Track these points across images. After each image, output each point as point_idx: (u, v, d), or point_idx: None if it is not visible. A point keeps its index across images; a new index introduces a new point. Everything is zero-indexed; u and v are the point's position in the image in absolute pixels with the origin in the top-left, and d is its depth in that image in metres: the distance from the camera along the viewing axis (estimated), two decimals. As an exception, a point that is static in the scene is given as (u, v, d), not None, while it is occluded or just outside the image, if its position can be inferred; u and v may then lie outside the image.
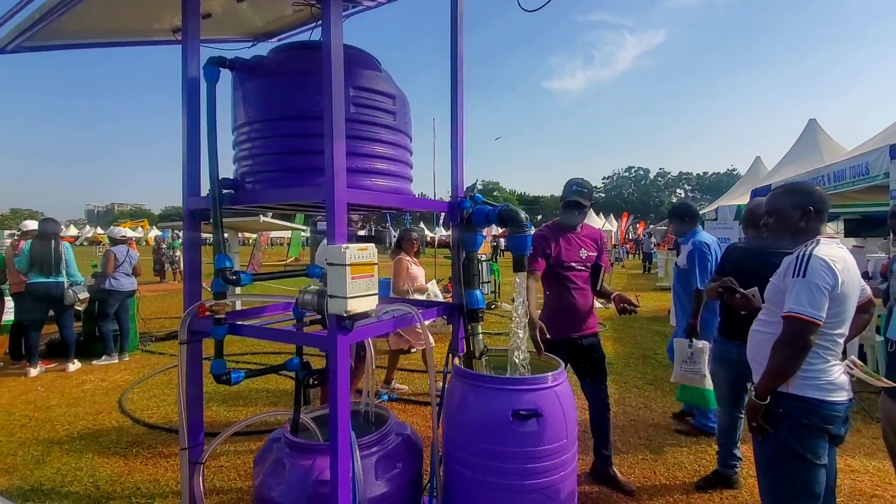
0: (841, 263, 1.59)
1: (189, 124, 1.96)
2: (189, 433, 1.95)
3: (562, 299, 2.75)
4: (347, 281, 1.47)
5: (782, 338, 1.62)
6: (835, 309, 1.58)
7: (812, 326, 1.55)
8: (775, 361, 1.63)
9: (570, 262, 2.75)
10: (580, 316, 2.78)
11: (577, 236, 2.82)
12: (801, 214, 1.75)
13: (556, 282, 2.76)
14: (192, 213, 1.97)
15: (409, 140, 2.07)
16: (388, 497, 1.87)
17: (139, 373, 5.19)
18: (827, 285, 1.55)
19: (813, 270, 1.56)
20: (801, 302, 1.56)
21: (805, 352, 1.58)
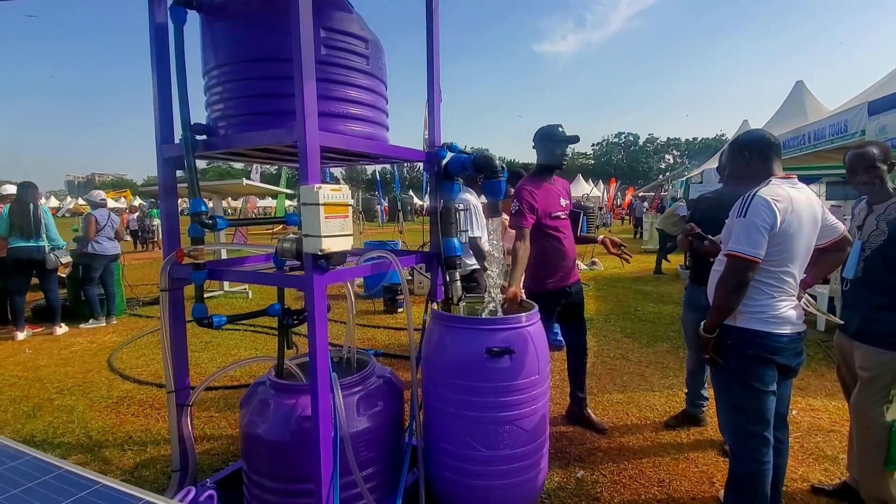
0: (784, 203, 1.65)
1: (159, 70, 1.93)
2: (175, 377, 2.02)
3: (554, 250, 2.82)
4: (321, 220, 1.50)
5: (722, 275, 1.72)
6: (777, 247, 1.66)
7: (749, 264, 1.64)
8: (717, 297, 1.73)
9: (555, 211, 2.81)
10: (570, 264, 2.87)
11: (554, 186, 2.87)
12: (744, 159, 1.84)
13: (546, 233, 2.81)
14: (166, 160, 1.96)
15: (385, 87, 2.06)
16: (370, 431, 1.97)
17: (127, 335, 5.24)
18: (765, 224, 1.62)
19: (753, 210, 1.64)
20: (739, 241, 1.64)
21: (743, 288, 1.67)
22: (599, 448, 2.69)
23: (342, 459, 1.80)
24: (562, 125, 2.84)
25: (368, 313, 6.09)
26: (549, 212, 2.79)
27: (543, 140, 2.84)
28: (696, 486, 2.33)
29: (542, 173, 2.87)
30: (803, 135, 6.44)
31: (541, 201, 2.77)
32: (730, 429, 1.88)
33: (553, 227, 2.81)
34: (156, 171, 2.01)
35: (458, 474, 1.99)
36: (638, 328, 5.21)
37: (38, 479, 1.08)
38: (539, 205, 2.75)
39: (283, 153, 2.06)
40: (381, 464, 2.02)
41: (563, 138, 2.81)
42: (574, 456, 2.60)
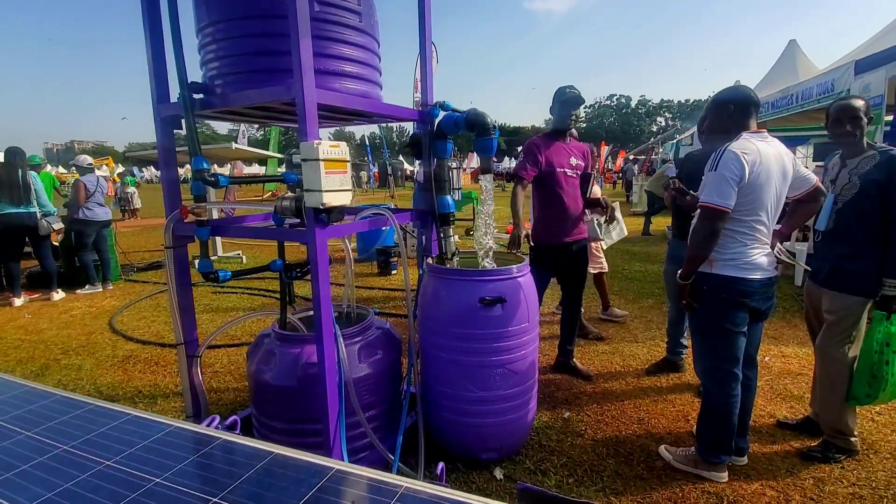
0: (753, 155, 1.75)
1: (151, 27, 1.93)
2: (183, 330, 2.12)
3: (554, 203, 2.92)
4: (322, 175, 1.57)
5: (695, 225, 1.85)
6: (746, 197, 1.77)
7: (720, 214, 1.75)
8: (691, 246, 1.86)
9: (561, 167, 2.89)
10: (571, 221, 2.96)
11: (566, 146, 2.96)
12: (727, 112, 1.92)
13: (549, 188, 2.91)
14: (163, 120, 1.99)
15: (378, 44, 2.08)
16: (370, 377, 2.11)
17: (125, 299, 5.31)
18: (734, 176, 1.73)
19: (723, 163, 1.74)
20: (710, 193, 1.76)
21: (714, 237, 1.79)
22: (585, 392, 2.87)
23: (346, 401, 1.94)
24: (573, 87, 2.90)
25: (363, 275, 6.20)
26: (554, 167, 2.87)
27: (555, 101, 2.94)
28: (673, 423, 2.53)
29: (553, 133, 2.97)
30: (791, 94, 6.48)
31: (546, 157, 2.85)
32: (703, 366, 2.04)
33: (557, 182, 2.89)
34: (138, 138, 2.06)
35: (454, 414, 2.15)
36: (625, 286, 5.39)
37: (71, 413, 1.20)
38: (543, 159, 2.84)
39: (279, 111, 2.10)
40: (382, 407, 2.17)
41: (567, 98, 2.87)
42: (561, 399, 2.79)
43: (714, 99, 2.06)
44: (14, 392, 1.30)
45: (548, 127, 3.11)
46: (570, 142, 3.01)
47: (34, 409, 1.20)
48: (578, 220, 3.00)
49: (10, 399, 1.27)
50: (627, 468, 2.13)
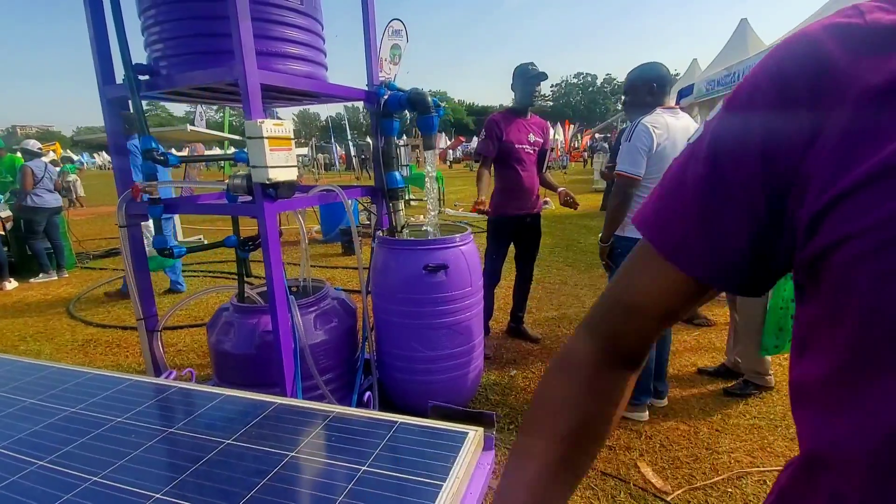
0: (661, 129, 1.97)
1: (92, 7, 1.95)
2: (142, 304, 2.20)
3: (511, 179, 3.08)
4: (266, 152, 1.67)
5: (612, 192, 2.07)
6: (654, 166, 2.00)
7: (630, 181, 1.98)
8: (608, 211, 2.08)
9: (520, 144, 3.04)
10: (527, 195, 3.12)
11: (526, 122, 3.09)
12: (649, 91, 2.12)
13: (507, 163, 3.06)
14: (109, 101, 2.03)
15: (321, 27, 2.17)
16: (327, 343, 2.26)
17: (82, 286, 5.24)
18: (644, 147, 1.95)
19: (636, 136, 1.96)
20: (623, 161, 1.98)
21: (627, 202, 2.02)
22: (532, 353, 3.12)
23: (303, 365, 2.09)
24: (534, 63, 3.03)
25: (328, 256, 6.28)
26: (512, 143, 3.01)
27: (516, 78, 3.04)
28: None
29: (513, 109, 3.09)
30: (734, 72, 6.84)
31: (506, 134, 2.99)
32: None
33: (516, 158, 3.04)
34: (87, 122, 2.08)
35: (406, 373, 2.33)
36: (578, 258, 5.68)
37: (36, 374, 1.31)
38: (503, 137, 2.98)
39: (226, 92, 2.16)
40: (339, 370, 2.33)
41: (531, 75, 2.99)
42: (509, 360, 3.02)
43: (637, 76, 2.24)
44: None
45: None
46: (530, 118, 3.15)
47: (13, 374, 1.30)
48: (534, 195, 3.18)
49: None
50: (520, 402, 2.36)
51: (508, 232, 3.16)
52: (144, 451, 0.93)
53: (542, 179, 3.25)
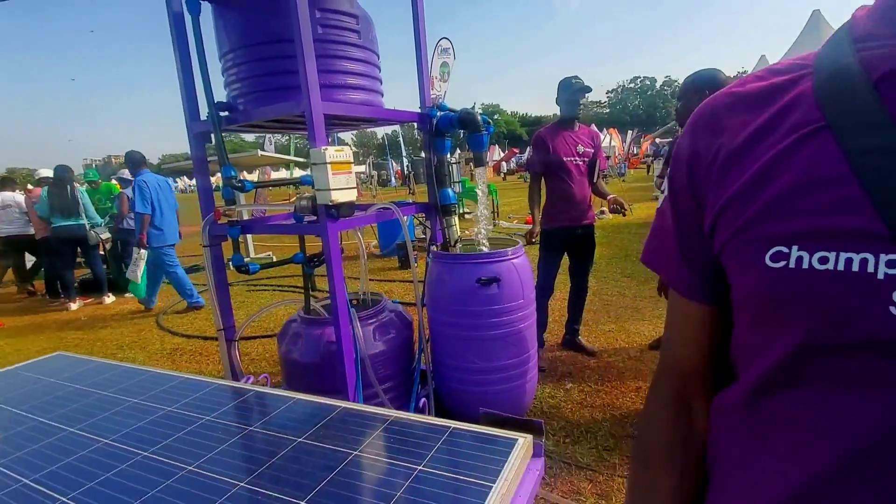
0: None
1: (181, 56, 2.23)
2: (222, 317, 2.43)
3: (560, 191, 3.11)
4: (329, 176, 1.82)
5: None
6: None
7: None
8: None
9: (568, 156, 3.07)
10: (577, 207, 3.13)
11: (574, 134, 3.12)
12: (700, 97, 2.07)
13: (556, 176, 3.09)
14: (195, 135, 2.29)
15: (377, 56, 2.32)
16: (386, 353, 2.37)
17: (169, 299, 5.78)
18: None
19: None
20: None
21: None
22: (588, 366, 3.07)
23: (363, 374, 2.21)
24: (578, 76, 3.08)
25: (385, 270, 6.51)
26: (560, 156, 3.04)
27: (561, 91, 3.09)
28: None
29: (561, 122, 3.13)
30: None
31: (553, 148, 3.03)
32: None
33: (565, 171, 3.06)
34: (171, 150, 2.35)
35: (461, 384, 2.39)
36: (637, 268, 5.50)
37: (137, 378, 1.50)
38: (551, 151, 3.03)
39: (294, 122, 2.37)
40: (396, 379, 2.43)
41: (576, 88, 3.03)
42: (564, 373, 2.99)
43: (687, 83, 2.21)
44: (88, 367, 1.63)
45: None
46: (578, 129, 3.17)
47: (108, 377, 1.51)
48: (585, 207, 3.16)
49: (86, 372, 1.59)
50: (620, 428, 2.32)
51: (560, 243, 3.15)
52: (229, 445, 1.06)
53: (594, 189, 3.23)
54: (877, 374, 0.31)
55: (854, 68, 0.34)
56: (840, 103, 0.33)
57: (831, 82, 0.34)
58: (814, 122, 0.34)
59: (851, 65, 0.34)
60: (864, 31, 0.36)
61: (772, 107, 0.37)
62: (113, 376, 1.52)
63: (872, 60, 0.33)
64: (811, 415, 0.33)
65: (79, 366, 1.66)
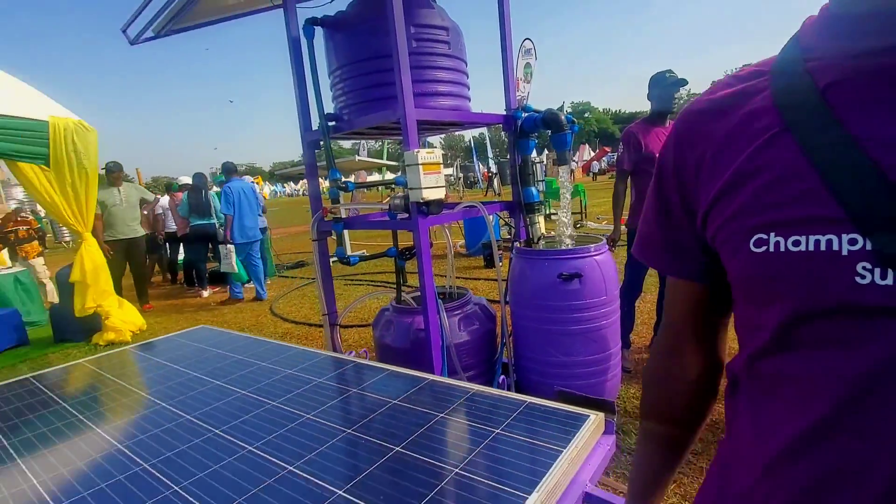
0: None
1: (297, 74, 2.56)
2: (326, 303, 2.74)
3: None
4: (421, 175, 2.01)
5: None
6: None
7: None
8: None
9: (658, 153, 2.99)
10: None
11: (666, 130, 3.03)
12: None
13: (646, 173, 2.99)
14: (308, 143, 2.62)
15: (465, 64, 2.48)
16: (469, 343, 2.51)
17: (279, 290, 6.49)
18: None
19: None
20: None
21: None
22: (678, 370, 2.94)
23: (448, 360, 2.37)
24: (672, 70, 2.99)
25: (471, 268, 6.68)
26: (651, 153, 2.93)
27: (653, 86, 2.99)
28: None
29: (653, 118, 3.03)
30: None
31: (645, 145, 2.95)
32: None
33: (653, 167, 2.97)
34: (281, 158, 2.69)
35: (541, 376, 2.46)
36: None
37: (261, 348, 1.78)
38: (643, 148, 2.94)
39: (390, 128, 2.61)
40: (479, 369, 2.56)
41: (671, 82, 2.94)
42: (652, 375, 2.90)
43: None
44: (225, 337, 1.96)
45: None
46: (669, 125, 3.05)
47: (240, 345, 1.82)
48: None
49: (223, 341, 1.92)
50: (708, 433, 2.23)
51: None
52: (336, 402, 1.26)
53: None
54: (850, 333, 0.37)
55: (804, 78, 0.40)
56: (796, 109, 0.40)
57: (787, 91, 0.41)
58: (776, 126, 0.41)
59: (802, 74, 0.41)
60: (809, 43, 0.42)
61: (739, 111, 0.44)
62: (244, 345, 1.83)
63: (818, 71, 0.40)
64: (805, 372, 0.40)
65: (217, 336, 2.02)
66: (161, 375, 1.56)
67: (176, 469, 0.98)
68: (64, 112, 4.43)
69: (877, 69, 0.37)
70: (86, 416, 1.30)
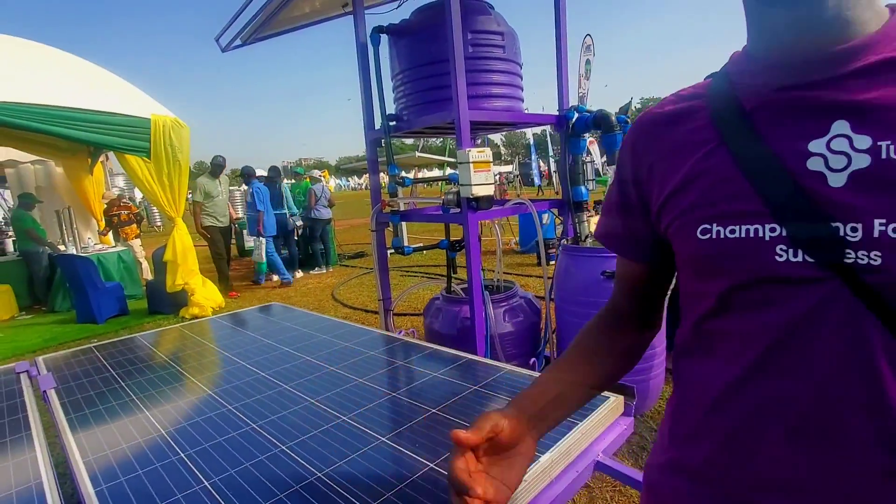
0: None
1: (363, 78, 2.79)
2: (382, 289, 2.97)
3: None
4: (471, 172, 2.15)
5: None
6: None
7: None
8: None
9: None
10: None
11: None
12: None
13: None
14: (370, 141, 2.84)
15: (519, 66, 2.58)
16: (513, 335, 2.63)
17: (340, 277, 6.90)
18: None
19: None
20: None
21: None
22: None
23: (492, 348, 2.50)
24: None
25: (523, 265, 6.73)
26: None
27: None
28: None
29: None
30: None
31: None
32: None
33: None
34: (347, 153, 2.92)
35: (581, 371, 2.52)
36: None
37: (322, 324, 2.00)
38: None
39: (446, 128, 2.77)
40: (521, 360, 2.67)
41: None
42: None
43: None
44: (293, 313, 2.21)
45: None
46: None
47: (306, 321, 2.05)
48: None
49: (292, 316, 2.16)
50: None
51: None
52: (385, 370, 1.44)
53: None
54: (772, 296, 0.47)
55: (735, 102, 0.51)
56: (729, 127, 0.51)
57: (722, 113, 0.52)
58: (714, 140, 0.52)
59: (733, 99, 0.51)
60: (735, 75, 0.53)
61: (685, 126, 0.55)
62: (308, 320, 2.07)
63: (744, 98, 0.50)
64: (738, 328, 0.51)
65: (287, 312, 2.28)
66: (239, 341, 1.83)
67: (252, 410, 1.20)
68: (163, 110, 5.01)
69: (785, 99, 0.48)
70: (181, 368, 1.57)
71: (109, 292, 5.49)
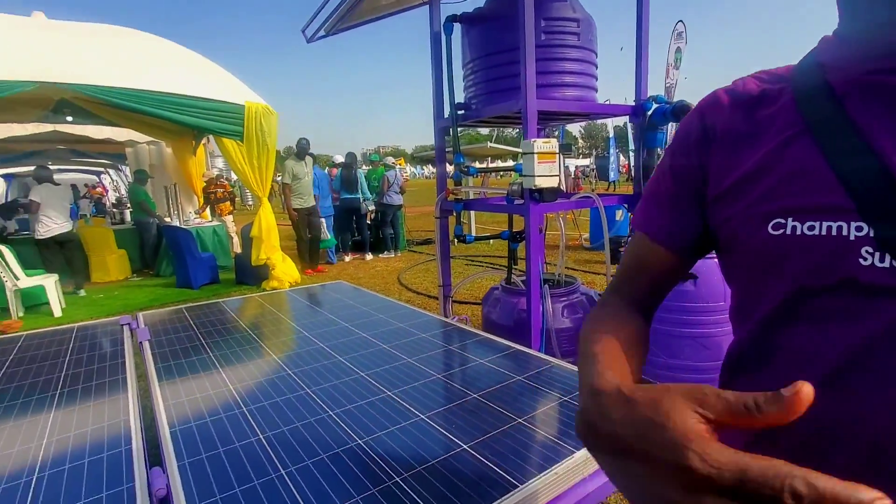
0: None
1: (435, 66, 2.83)
2: (443, 275, 3.02)
3: None
4: (535, 164, 2.11)
5: None
6: None
7: None
8: None
9: None
10: None
11: None
12: None
13: None
14: (439, 130, 2.88)
15: (594, 55, 2.48)
16: (571, 331, 2.57)
17: (407, 262, 7.10)
18: None
19: None
20: None
21: None
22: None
23: (547, 343, 2.47)
24: None
25: (592, 262, 6.51)
26: None
27: None
28: None
29: None
30: None
31: None
32: None
33: None
34: (422, 142, 2.97)
35: (644, 375, 2.41)
36: None
37: (382, 304, 2.09)
38: None
39: (513, 118, 2.73)
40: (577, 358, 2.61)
41: None
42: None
43: None
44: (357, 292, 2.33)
45: None
46: None
47: (368, 300, 2.14)
48: None
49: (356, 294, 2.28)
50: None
51: None
52: (434, 352, 1.49)
53: None
54: (851, 307, 0.41)
55: (824, 86, 0.45)
56: (816, 111, 0.45)
57: (808, 97, 0.46)
58: (796, 126, 0.46)
59: (822, 82, 0.45)
60: (826, 58, 0.48)
61: (765, 109, 0.49)
62: (370, 300, 2.17)
63: (835, 80, 0.45)
64: (802, 343, 0.44)
65: (352, 290, 2.40)
66: (306, 314, 1.97)
67: (309, 377, 1.30)
68: (255, 97, 5.41)
69: (881, 83, 0.42)
70: (253, 333, 1.73)
71: (204, 262, 6.10)
